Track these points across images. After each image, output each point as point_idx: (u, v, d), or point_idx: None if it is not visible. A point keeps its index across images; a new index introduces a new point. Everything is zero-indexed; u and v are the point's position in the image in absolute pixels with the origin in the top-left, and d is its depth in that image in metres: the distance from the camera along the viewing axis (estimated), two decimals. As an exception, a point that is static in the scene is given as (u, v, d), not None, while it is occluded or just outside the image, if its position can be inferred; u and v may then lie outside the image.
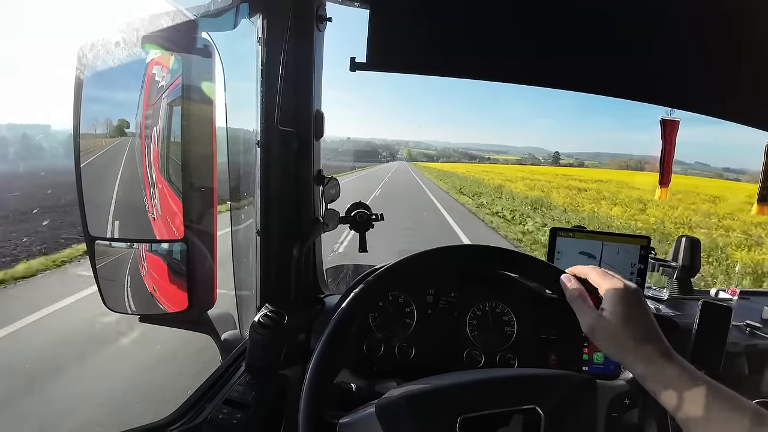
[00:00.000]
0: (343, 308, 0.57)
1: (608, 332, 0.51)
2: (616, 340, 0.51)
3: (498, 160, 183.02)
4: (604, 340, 0.52)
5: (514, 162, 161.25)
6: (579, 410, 0.55)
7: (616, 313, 0.51)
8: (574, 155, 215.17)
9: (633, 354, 0.49)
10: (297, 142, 0.86)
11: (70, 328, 3.33)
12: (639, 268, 1.11)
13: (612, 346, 0.51)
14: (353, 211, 1.00)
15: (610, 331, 0.51)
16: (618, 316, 0.50)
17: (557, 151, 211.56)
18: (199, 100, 0.76)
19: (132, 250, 0.85)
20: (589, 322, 0.52)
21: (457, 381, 0.57)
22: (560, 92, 1.08)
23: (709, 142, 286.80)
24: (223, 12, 0.77)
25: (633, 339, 0.50)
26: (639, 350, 0.49)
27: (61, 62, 5.44)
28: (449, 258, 0.64)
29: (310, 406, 0.51)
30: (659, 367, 0.47)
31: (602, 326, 0.51)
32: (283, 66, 0.80)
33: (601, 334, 0.52)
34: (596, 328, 0.52)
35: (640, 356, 0.49)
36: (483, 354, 0.91)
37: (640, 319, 0.51)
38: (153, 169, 0.79)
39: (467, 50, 0.92)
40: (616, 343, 0.51)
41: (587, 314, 0.53)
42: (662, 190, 1.20)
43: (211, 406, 0.71)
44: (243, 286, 0.97)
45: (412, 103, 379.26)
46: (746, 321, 1.10)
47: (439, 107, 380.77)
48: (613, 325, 0.50)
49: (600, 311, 0.52)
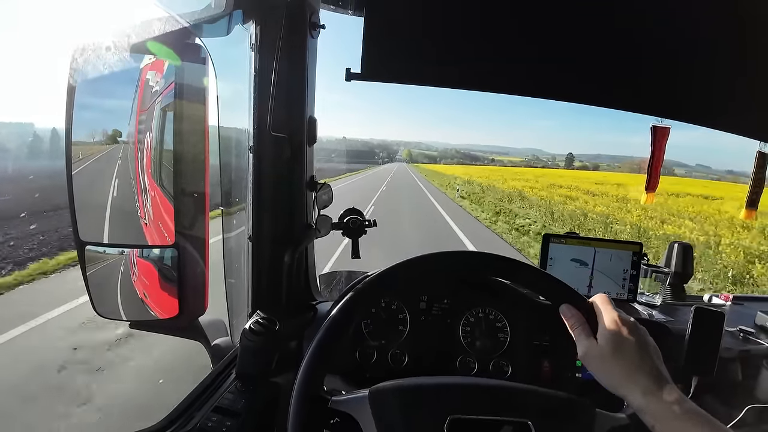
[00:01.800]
0: (333, 315, 0.57)
1: (601, 360, 0.52)
2: (609, 369, 0.51)
3: (503, 162, 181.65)
4: (597, 368, 0.53)
5: (523, 164, 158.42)
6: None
7: (608, 341, 0.52)
8: (580, 157, 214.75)
9: (626, 385, 0.50)
10: (290, 148, 0.86)
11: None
12: (631, 274, 1.11)
13: (604, 376, 0.52)
14: (346, 217, 1.00)
15: (603, 359, 0.52)
16: (610, 344, 0.51)
17: (571, 153, 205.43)
18: (192, 105, 0.76)
19: (122, 256, 0.84)
20: (584, 350, 0.54)
21: (453, 382, 0.58)
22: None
23: (706, 145, 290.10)
24: (217, 18, 0.77)
25: (625, 369, 0.50)
26: (632, 380, 0.49)
27: (53, 63, 5.45)
28: (443, 264, 0.64)
29: (299, 415, 0.51)
30: (656, 400, 0.48)
31: (595, 354, 0.52)
32: (276, 72, 0.81)
33: (594, 361, 0.53)
34: (589, 355, 0.53)
35: (634, 387, 0.49)
36: (476, 361, 0.90)
37: (633, 349, 0.51)
38: (145, 174, 0.79)
39: (463, 61, 0.93)
40: (609, 372, 0.51)
41: (583, 343, 0.54)
42: (648, 195, 1.22)
43: (200, 413, 0.70)
44: (234, 293, 0.96)
45: (411, 103, 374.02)
46: (739, 326, 1.10)
47: (438, 108, 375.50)
48: (605, 354, 0.51)
49: (595, 340, 0.53)
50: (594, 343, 0.53)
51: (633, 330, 0.52)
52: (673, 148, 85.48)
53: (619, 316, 0.53)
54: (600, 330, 0.53)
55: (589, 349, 0.53)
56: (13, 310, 3.71)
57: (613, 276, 1.11)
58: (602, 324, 0.54)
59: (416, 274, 0.62)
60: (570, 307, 0.57)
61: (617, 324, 0.52)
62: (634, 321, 0.54)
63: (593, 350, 0.52)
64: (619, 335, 0.52)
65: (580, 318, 0.56)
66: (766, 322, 1.14)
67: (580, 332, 0.55)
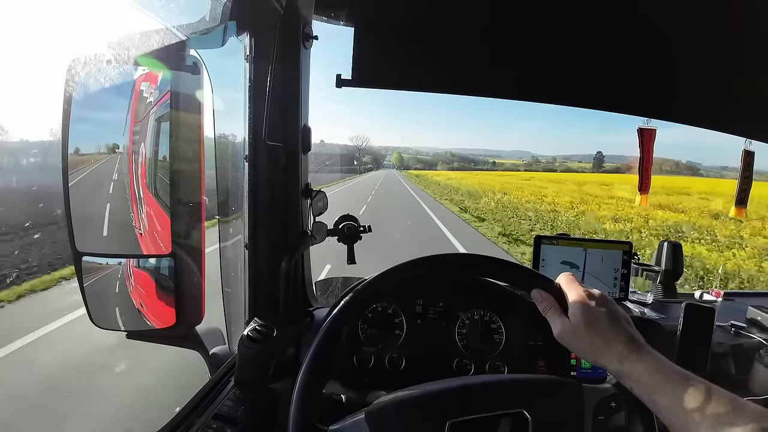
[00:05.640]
0: (329, 320, 0.58)
1: (575, 336, 0.53)
2: (584, 343, 0.53)
3: (504, 165, 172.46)
4: (574, 343, 0.54)
5: (522, 167, 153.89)
6: (566, 413, 0.56)
7: (579, 317, 0.53)
8: (573, 158, 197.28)
9: (603, 354, 0.52)
10: (285, 157, 0.87)
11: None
12: (622, 273, 1.13)
13: (582, 349, 0.54)
14: (341, 224, 1.01)
15: (577, 334, 0.53)
16: (582, 319, 0.53)
17: (600, 151, 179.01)
18: (187, 115, 0.77)
19: (119, 266, 0.84)
20: (558, 329, 0.55)
21: (445, 387, 0.58)
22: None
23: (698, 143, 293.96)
24: (212, 30, 0.79)
25: (601, 339, 0.52)
26: (608, 349, 0.51)
27: (47, 74, 5.39)
28: (434, 267, 0.64)
29: (299, 419, 0.51)
30: (632, 363, 0.49)
31: (569, 331, 0.54)
32: (270, 83, 0.82)
33: (569, 338, 0.54)
34: (564, 333, 0.54)
35: (611, 355, 0.51)
36: (473, 362, 0.91)
37: (604, 320, 0.53)
38: (140, 184, 0.79)
39: (451, 66, 0.95)
40: (585, 345, 0.53)
41: (556, 322, 0.56)
42: (642, 196, 1.24)
43: (200, 421, 0.70)
44: (231, 301, 0.97)
45: (397, 108, 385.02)
46: (731, 321, 1.13)
47: (426, 112, 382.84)
48: (578, 329, 0.53)
49: (567, 318, 0.55)
50: (566, 321, 0.54)
51: (601, 302, 0.54)
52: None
53: (585, 291, 0.55)
54: (570, 308, 0.55)
55: (563, 327, 0.54)
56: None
57: (605, 275, 1.13)
58: (570, 301, 0.55)
59: (407, 276, 0.62)
60: (540, 291, 0.59)
61: (585, 298, 0.54)
62: (601, 293, 0.56)
63: (567, 328, 0.54)
64: (588, 309, 0.53)
65: (550, 300, 0.58)
66: (756, 316, 1.17)
67: (552, 313, 0.57)
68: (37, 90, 10.21)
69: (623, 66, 0.99)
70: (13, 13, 1.57)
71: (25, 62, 10.47)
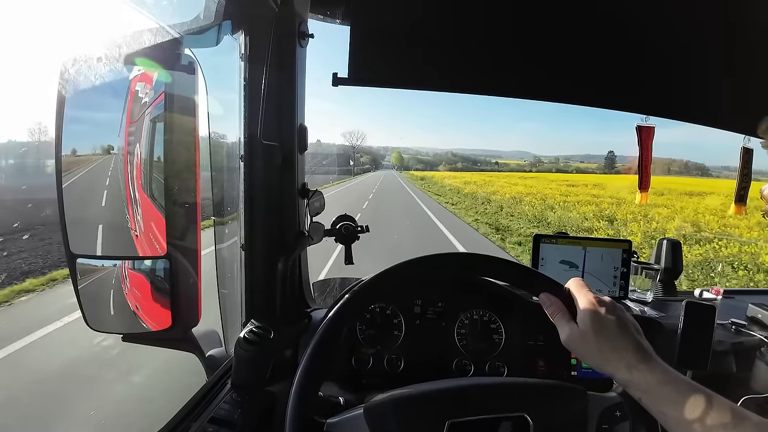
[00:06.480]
0: (327, 321, 0.57)
1: (583, 342, 0.53)
2: (592, 349, 0.52)
3: (509, 165, 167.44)
4: (581, 349, 0.53)
5: (525, 168, 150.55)
6: (568, 420, 0.55)
7: (588, 323, 0.52)
8: (572, 158, 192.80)
9: (611, 361, 0.51)
10: (281, 156, 0.86)
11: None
12: (622, 272, 1.12)
13: (589, 356, 0.53)
14: (338, 224, 1.00)
15: (585, 340, 0.52)
16: (591, 326, 0.52)
17: (611, 151, 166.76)
18: (182, 115, 0.76)
19: (114, 268, 0.84)
20: (566, 335, 0.54)
21: (446, 386, 0.57)
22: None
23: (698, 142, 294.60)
24: (206, 29, 0.78)
25: (609, 346, 0.51)
26: (617, 357, 0.50)
27: (40, 74, 5.35)
28: (433, 266, 0.63)
29: (296, 417, 0.51)
30: (641, 373, 0.48)
31: (577, 337, 0.53)
32: (265, 81, 0.81)
33: (577, 344, 0.53)
34: (572, 339, 0.54)
35: (619, 363, 0.50)
36: (472, 363, 0.90)
37: (613, 327, 0.52)
38: (135, 185, 0.78)
39: (448, 64, 0.95)
40: (593, 352, 0.52)
41: (564, 328, 0.55)
42: (642, 194, 1.24)
43: (196, 424, 0.69)
44: (228, 302, 0.96)
45: (393, 106, 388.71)
46: (731, 319, 1.12)
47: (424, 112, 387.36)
48: (587, 335, 0.52)
49: (576, 324, 0.54)
50: (575, 327, 0.54)
51: (611, 309, 0.53)
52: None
53: (595, 297, 0.55)
54: (579, 313, 0.54)
55: (571, 333, 0.54)
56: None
57: (604, 274, 1.13)
58: (580, 307, 0.54)
59: (406, 276, 0.61)
60: (548, 295, 0.58)
61: (595, 305, 0.53)
62: (611, 300, 0.55)
63: (575, 334, 0.53)
64: (598, 316, 0.52)
65: (558, 304, 0.57)
66: (757, 314, 1.16)
67: (560, 318, 0.56)
68: (30, 90, 10.10)
69: (620, 64, 0.98)
70: (6, 11, 1.57)
71: (18, 61, 10.37)
